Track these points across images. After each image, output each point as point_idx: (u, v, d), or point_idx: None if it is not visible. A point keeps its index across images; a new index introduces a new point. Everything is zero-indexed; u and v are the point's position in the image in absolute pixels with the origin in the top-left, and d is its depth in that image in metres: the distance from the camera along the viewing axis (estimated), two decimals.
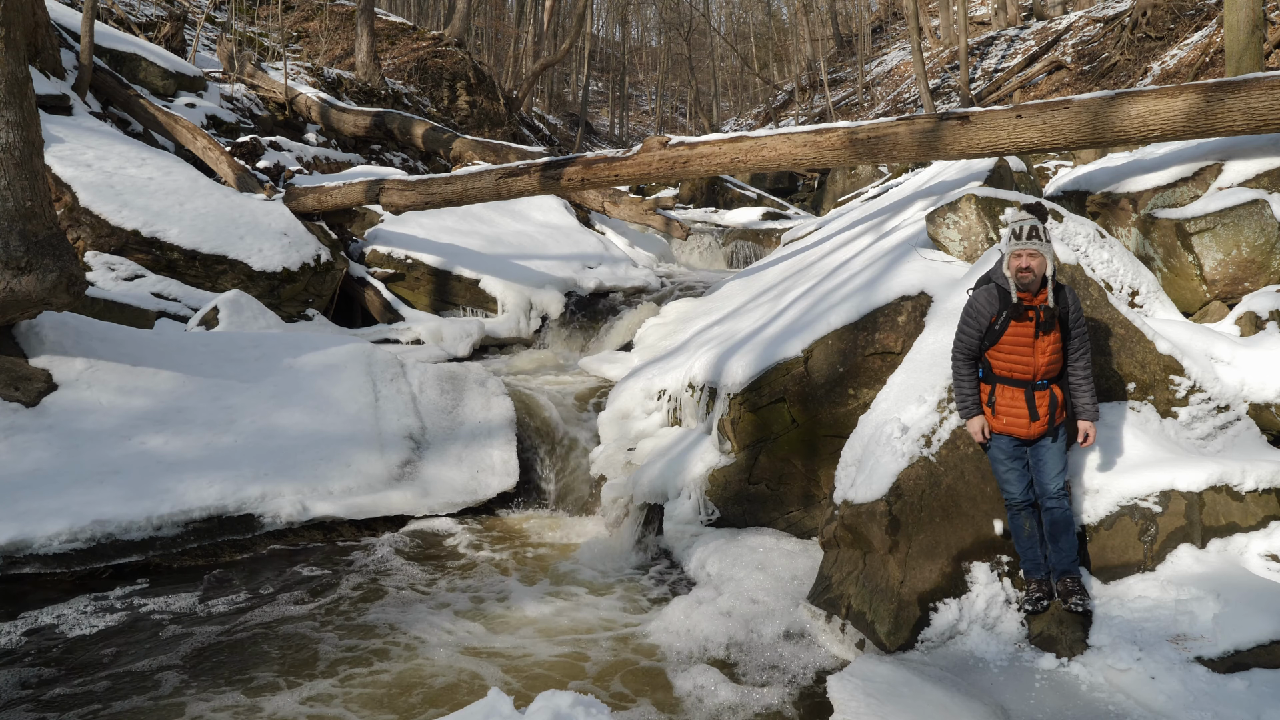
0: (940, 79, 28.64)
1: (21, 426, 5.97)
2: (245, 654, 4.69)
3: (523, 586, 5.67)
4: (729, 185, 19.87)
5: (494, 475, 7.03)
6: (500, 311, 10.91)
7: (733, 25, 53.08)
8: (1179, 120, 6.23)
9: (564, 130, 37.00)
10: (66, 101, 11.05)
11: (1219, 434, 5.14)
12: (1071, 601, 4.34)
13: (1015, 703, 4.03)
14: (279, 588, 5.51)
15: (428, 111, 22.09)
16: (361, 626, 5.04)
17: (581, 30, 35.26)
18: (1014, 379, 4.45)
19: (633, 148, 8.66)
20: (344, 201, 10.68)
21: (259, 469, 6.27)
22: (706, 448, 6.39)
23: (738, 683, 4.41)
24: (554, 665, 4.66)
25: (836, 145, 7.64)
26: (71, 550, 5.39)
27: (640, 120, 51.19)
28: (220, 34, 19.44)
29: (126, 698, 4.25)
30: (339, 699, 4.29)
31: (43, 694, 4.27)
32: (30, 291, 5.87)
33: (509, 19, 38.07)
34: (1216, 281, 6.14)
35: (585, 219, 14.28)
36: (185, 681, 4.40)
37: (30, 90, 5.96)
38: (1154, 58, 19.62)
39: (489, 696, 3.07)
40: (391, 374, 7.57)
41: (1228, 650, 4.01)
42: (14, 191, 5.82)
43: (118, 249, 9.27)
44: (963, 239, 6.25)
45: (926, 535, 4.59)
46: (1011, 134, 6.86)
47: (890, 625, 4.48)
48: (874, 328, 5.93)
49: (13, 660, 4.54)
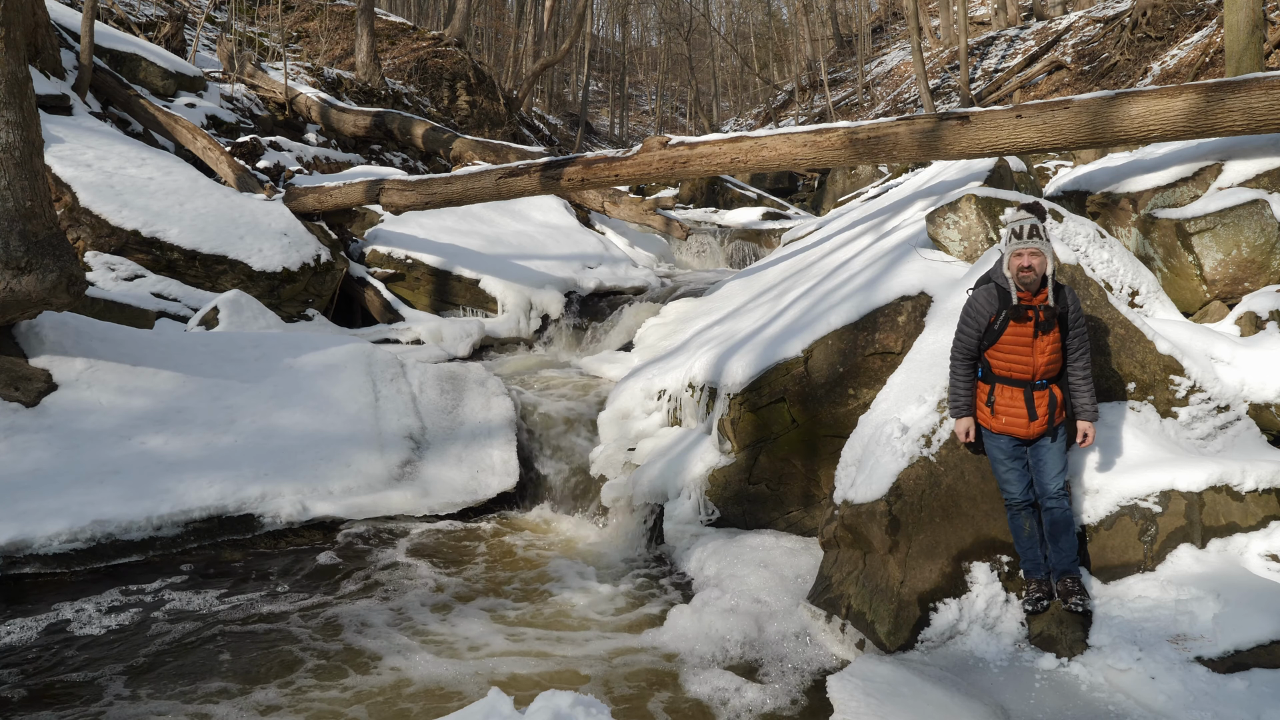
0: (940, 79, 28.65)
1: (21, 426, 5.97)
2: (234, 656, 4.69)
3: (522, 587, 5.67)
4: (729, 185, 19.87)
5: (494, 475, 7.04)
6: (500, 311, 10.90)
7: (733, 25, 53.08)
8: (1179, 120, 6.22)
9: (564, 130, 37.00)
10: (66, 101, 11.05)
11: (1219, 434, 5.14)
12: (1071, 601, 4.34)
13: (1015, 703, 4.03)
14: (277, 587, 5.50)
15: (428, 111, 22.09)
16: (362, 627, 5.03)
17: (581, 30, 35.25)
18: (1013, 379, 4.45)
19: (633, 148, 8.66)
20: (344, 201, 10.68)
21: (259, 469, 6.27)
22: (706, 448, 6.39)
23: (736, 683, 4.40)
24: (553, 665, 4.66)
25: (836, 145, 7.64)
26: (71, 550, 5.39)
27: (640, 120, 51.19)
28: (220, 34, 19.44)
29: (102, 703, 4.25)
30: (340, 700, 4.29)
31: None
32: (30, 291, 5.87)
33: (509, 19, 38.08)
34: (1216, 281, 6.14)
35: (585, 219, 14.28)
36: (170, 681, 4.41)
37: (30, 90, 5.96)
38: (1154, 58, 19.63)
39: (489, 696, 3.07)
40: (391, 374, 7.57)
41: (1228, 650, 4.00)
42: (14, 191, 5.82)
43: (118, 249, 9.27)
44: (963, 239, 6.25)
45: (926, 535, 4.59)
46: (1011, 134, 6.85)
47: (890, 625, 4.48)
48: (874, 328, 5.93)
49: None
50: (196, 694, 4.30)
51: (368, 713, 4.18)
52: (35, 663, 4.53)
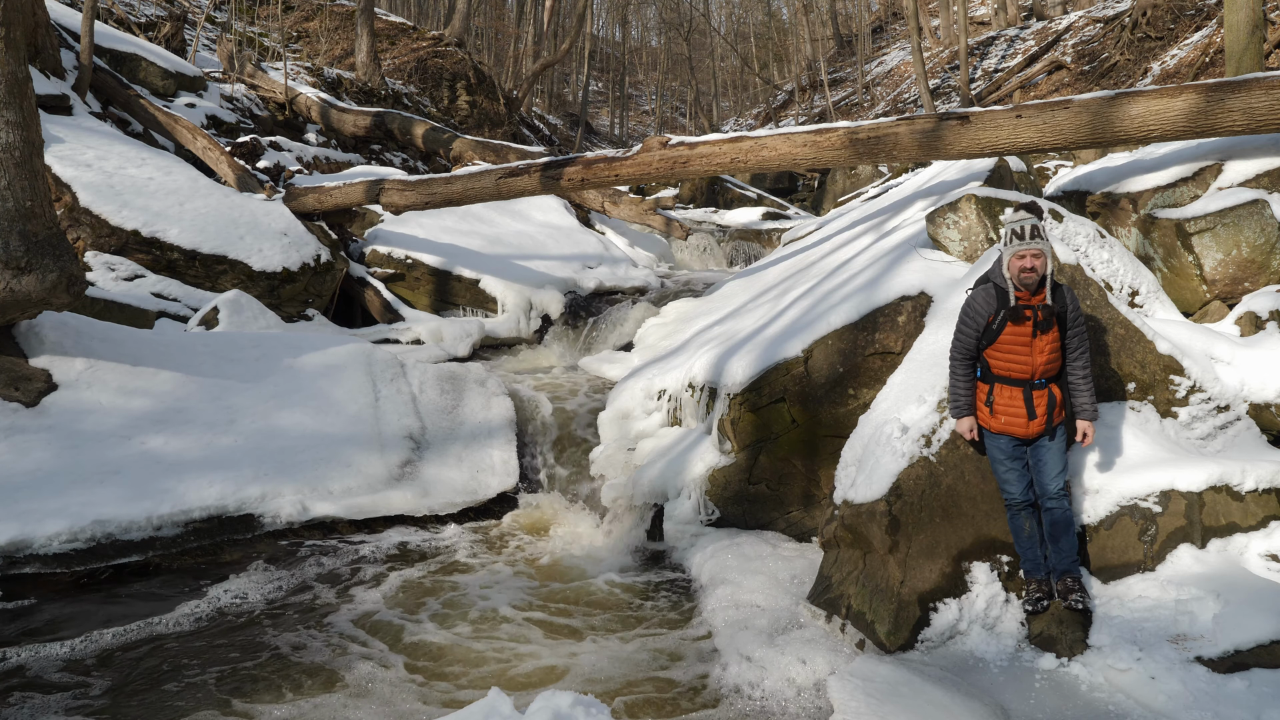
0: (940, 79, 28.64)
1: (21, 426, 5.97)
2: (234, 656, 4.69)
3: (523, 587, 5.67)
4: (729, 185, 19.87)
5: (494, 475, 7.03)
6: (500, 311, 10.90)
7: (733, 25, 53.09)
8: (1179, 120, 6.22)
9: (564, 130, 36.99)
10: (66, 101, 11.05)
11: (1219, 434, 5.14)
12: (1071, 599, 4.34)
13: (1015, 703, 4.03)
14: (277, 588, 5.50)
15: (428, 111, 22.09)
16: (362, 627, 5.03)
17: (581, 30, 35.25)
18: (1012, 378, 4.45)
19: (633, 148, 8.66)
20: (344, 201, 10.68)
21: (259, 469, 6.27)
22: (706, 448, 6.39)
23: (736, 683, 4.40)
24: (553, 664, 4.66)
25: (837, 145, 7.64)
26: (71, 550, 5.39)
27: (640, 120, 51.17)
28: (220, 34, 19.43)
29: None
30: (340, 700, 4.29)
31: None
32: (30, 291, 5.87)
33: (509, 19, 38.08)
34: (1216, 281, 6.14)
35: (585, 219, 14.28)
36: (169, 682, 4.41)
37: (30, 90, 5.96)
38: (1154, 58, 19.63)
39: (489, 696, 3.07)
40: (391, 374, 7.57)
41: (1228, 650, 4.01)
42: (14, 191, 5.81)
43: (118, 249, 9.26)
44: (963, 239, 6.25)
45: (926, 535, 4.59)
46: (1011, 134, 6.85)
47: (890, 625, 4.48)
48: (874, 328, 5.93)
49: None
50: (197, 694, 4.30)
51: (369, 713, 4.18)
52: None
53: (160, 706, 4.18)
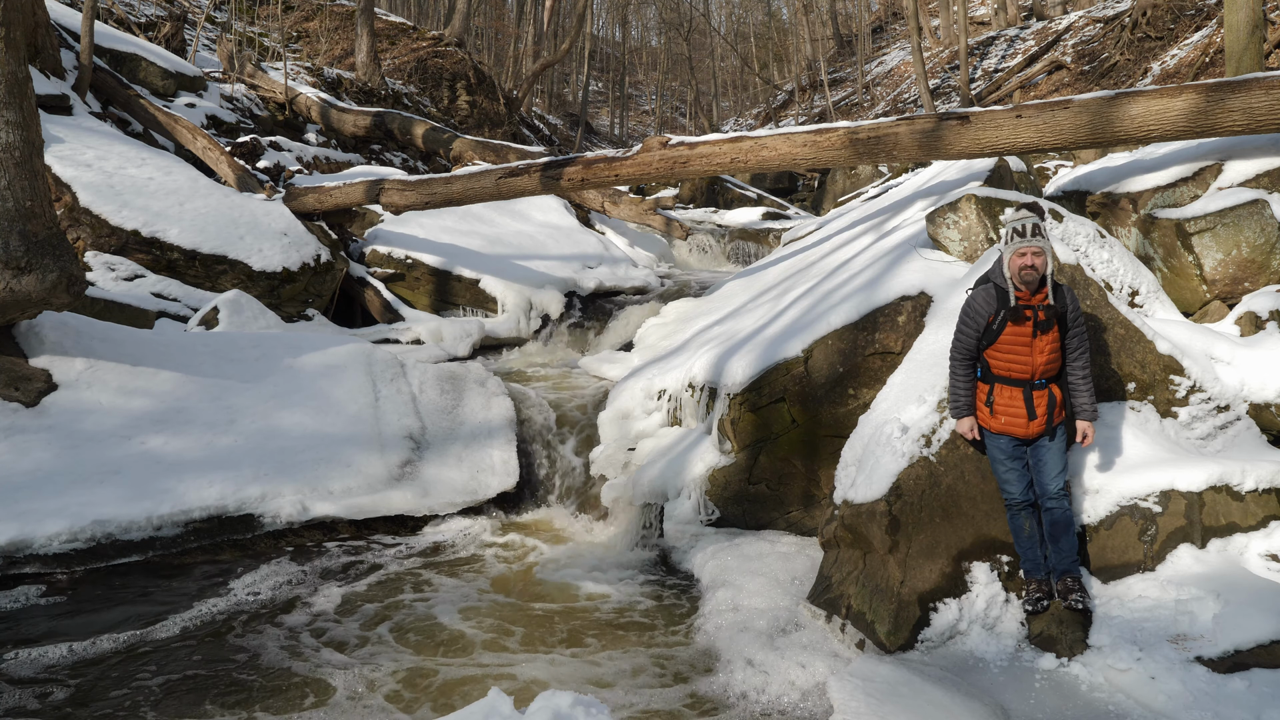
0: (940, 79, 28.65)
1: (21, 426, 5.97)
2: (236, 655, 4.69)
3: (523, 587, 5.67)
4: (729, 185, 19.87)
5: (494, 475, 7.03)
6: (500, 311, 10.90)
7: (733, 25, 53.09)
8: (1179, 120, 6.22)
9: (564, 130, 36.99)
10: (66, 101, 11.05)
11: (1219, 434, 5.14)
12: (1071, 599, 4.34)
13: (1015, 703, 4.03)
14: (276, 587, 5.50)
15: (428, 111, 22.09)
16: (363, 627, 5.03)
17: (581, 30, 35.24)
18: (1012, 378, 4.45)
19: (633, 148, 8.66)
20: (344, 201, 10.68)
21: (259, 469, 6.27)
22: (706, 448, 6.39)
23: (736, 683, 4.40)
24: (553, 664, 4.66)
25: (837, 145, 7.64)
26: (71, 550, 5.39)
27: (640, 120, 51.18)
28: (220, 34, 19.44)
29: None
30: (340, 701, 4.29)
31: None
32: (30, 291, 5.87)
33: (509, 19, 38.08)
34: (1216, 281, 6.14)
35: (585, 219, 14.28)
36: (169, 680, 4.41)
37: (30, 90, 5.96)
38: (1154, 58, 19.63)
39: (489, 696, 3.07)
40: (391, 374, 7.57)
41: (1228, 650, 4.00)
42: (14, 191, 5.82)
43: (118, 249, 9.26)
44: (963, 239, 6.25)
45: (926, 535, 4.59)
46: (1011, 134, 6.86)
47: (890, 625, 4.48)
48: (874, 328, 5.93)
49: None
50: (196, 693, 4.30)
51: (369, 714, 4.18)
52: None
53: (161, 703, 4.18)
